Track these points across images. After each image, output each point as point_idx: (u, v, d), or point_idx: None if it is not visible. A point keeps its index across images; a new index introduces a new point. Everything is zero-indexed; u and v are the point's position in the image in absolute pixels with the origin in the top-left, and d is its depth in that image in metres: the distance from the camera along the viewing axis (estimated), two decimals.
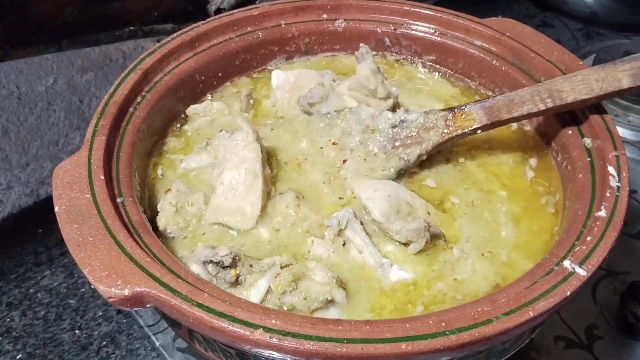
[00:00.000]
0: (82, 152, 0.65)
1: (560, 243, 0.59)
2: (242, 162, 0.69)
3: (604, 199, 0.61)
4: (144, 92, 0.76)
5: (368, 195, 0.68)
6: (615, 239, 0.58)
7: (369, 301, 0.61)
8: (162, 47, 0.80)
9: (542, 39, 0.83)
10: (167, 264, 0.56)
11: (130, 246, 0.56)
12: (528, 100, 0.68)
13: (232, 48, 0.86)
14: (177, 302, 0.52)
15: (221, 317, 0.51)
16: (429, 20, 0.89)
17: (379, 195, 0.67)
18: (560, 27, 1.51)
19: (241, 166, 0.69)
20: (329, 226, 0.66)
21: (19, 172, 0.96)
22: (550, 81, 0.69)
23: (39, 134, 0.97)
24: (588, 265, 0.55)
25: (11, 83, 0.93)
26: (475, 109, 0.71)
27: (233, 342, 0.51)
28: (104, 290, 0.53)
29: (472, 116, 0.71)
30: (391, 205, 0.66)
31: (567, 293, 0.53)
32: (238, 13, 0.87)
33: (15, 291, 0.93)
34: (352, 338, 0.49)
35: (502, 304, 0.52)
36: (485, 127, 0.71)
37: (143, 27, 1.07)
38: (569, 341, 0.83)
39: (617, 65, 0.65)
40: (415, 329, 0.50)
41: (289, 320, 0.50)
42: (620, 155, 0.65)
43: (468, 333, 0.50)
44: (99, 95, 1.01)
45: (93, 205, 0.60)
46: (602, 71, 0.65)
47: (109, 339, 0.87)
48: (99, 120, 0.68)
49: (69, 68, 0.99)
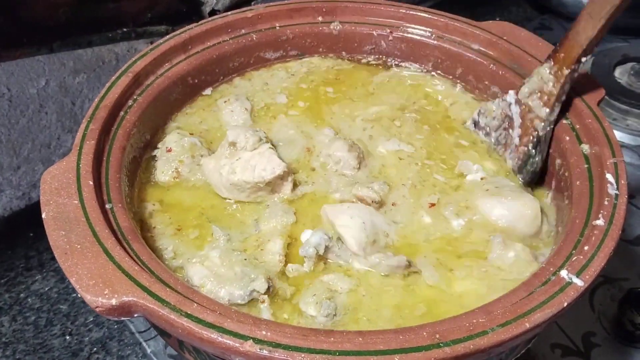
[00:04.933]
0: (71, 157, 0.64)
1: (558, 252, 0.58)
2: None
3: (602, 207, 0.60)
4: (135, 95, 0.75)
5: (342, 222, 0.64)
6: (613, 249, 0.57)
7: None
8: (154, 49, 0.79)
9: (540, 43, 0.82)
10: (156, 273, 0.55)
11: (118, 254, 0.55)
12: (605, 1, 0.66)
13: (225, 50, 0.85)
14: (166, 312, 0.51)
15: (210, 328, 0.49)
16: (426, 24, 0.88)
17: (355, 223, 0.64)
18: (558, 30, 1.50)
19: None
20: (306, 256, 0.63)
21: (10, 175, 0.95)
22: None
23: (31, 136, 0.96)
24: (585, 275, 0.54)
25: (2, 85, 0.92)
26: (565, 44, 0.69)
27: (222, 354, 0.50)
28: (90, 300, 0.52)
29: (567, 49, 0.69)
30: (368, 235, 0.64)
31: (564, 304, 0.52)
32: (232, 15, 0.86)
33: (6, 296, 0.92)
34: (344, 350, 0.48)
35: (497, 315, 0.51)
36: (586, 51, 0.68)
37: (136, 29, 1.06)
38: (565, 349, 0.82)
39: None
40: (408, 341, 0.49)
41: (280, 332, 0.49)
42: (619, 163, 0.64)
43: (463, 345, 0.49)
44: (92, 97, 1.00)
45: (81, 212, 0.59)
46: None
47: (99, 345, 0.86)
48: (88, 124, 0.67)
49: (61, 70, 0.97)
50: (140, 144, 0.74)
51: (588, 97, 0.73)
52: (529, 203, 0.68)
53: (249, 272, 0.61)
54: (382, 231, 0.66)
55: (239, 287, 0.60)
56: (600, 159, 0.66)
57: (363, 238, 0.63)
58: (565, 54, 0.69)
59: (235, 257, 0.63)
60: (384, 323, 0.59)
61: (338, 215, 0.66)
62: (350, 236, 0.63)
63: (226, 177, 0.69)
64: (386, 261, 0.62)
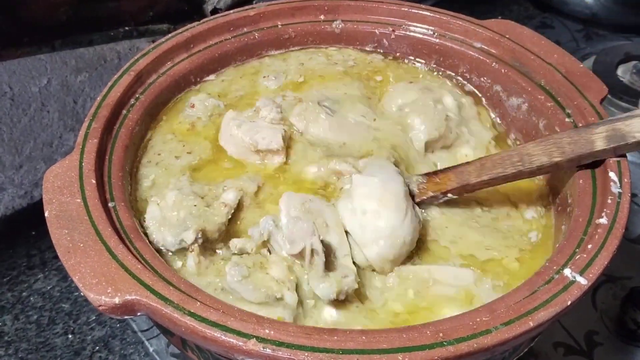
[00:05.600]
0: (74, 156, 0.64)
1: (561, 250, 0.58)
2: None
3: (605, 206, 0.60)
4: (137, 94, 0.75)
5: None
6: (617, 247, 0.56)
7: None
8: (156, 48, 0.79)
9: (542, 41, 0.82)
10: (159, 271, 0.55)
11: (121, 252, 0.55)
12: (499, 164, 0.67)
13: (227, 49, 0.85)
14: (169, 311, 0.51)
15: (214, 326, 0.49)
16: (428, 22, 0.88)
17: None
18: (560, 29, 1.50)
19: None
20: (251, 236, 0.63)
21: (12, 174, 0.95)
22: (522, 145, 0.68)
23: (33, 135, 0.96)
24: (589, 274, 0.54)
25: (4, 84, 0.92)
26: (447, 174, 0.70)
27: (226, 352, 0.50)
28: (93, 298, 0.52)
29: (444, 180, 0.69)
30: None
31: (567, 303, 0.52)
32: (234, 13, 0.86)
33: (8, 295, 0.91)
34: (347, 349, 0.48)
35: (501, 313, 0.51)
36: (454, 191, 0.69)
37: (138, 27, 1.06)
38: (568, 347, 0.82)
39: (592, 128, 0.63)
40: (412, 340, 0.49)
41: (283, 330, 0.49)
42: (622, 161, 0.64)
43: (466, 344, 0.48)
44: (94, 96, 1.00)
45: (84, 210, 0.59)
46: (576, 134, 0.64)
47: (102, 343, 0.85)
48: (91, 123, 0.67)
49: (63, 68, 0.97)
50: (142, 142, 0.74)
51: (591, 96, 0.73)
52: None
53: (188, 220, 0.63)
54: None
55: (173, 234, 0.62)
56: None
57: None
58: (441, 181, 0.70)
59: (187, 202, 0.64)
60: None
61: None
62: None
63: (232, 127, 0.73)
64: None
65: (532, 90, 0.78)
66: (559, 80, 0.76)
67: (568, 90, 0.75)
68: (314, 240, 0.58)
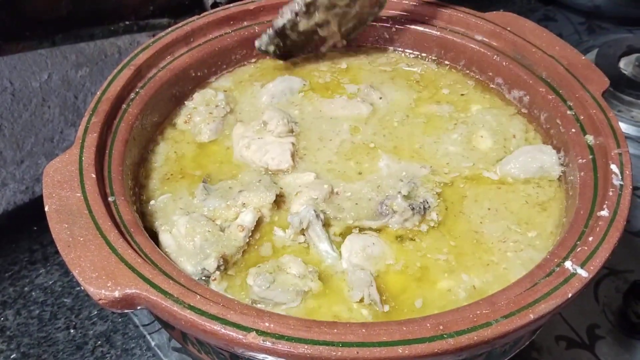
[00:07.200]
0: (74, 150, 0.64)
1: (562, 243, 0.58)
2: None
3: (606, 198, 0.60)
4: (137, 88, 0.74)
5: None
6: (618, 240, 0.56)
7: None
8: (156, 42, 0.78)
9: (544, 34, 0.81)
10: (159, 265, 0.55)
11: (121, 246, 0.55)
12: None
13: (228, 43, 0.85)
14: (169, 305, 0.51)
15: (213, 319, 0.49)
16: (429, 15, 0.87)
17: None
18: (562, 21, 1.49)
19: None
20: (291, 223, 0.64)
21: (14, 169, 0.95)
22: None
23: (34, 130, 0.96)
24: (590, 266, 0.54)
25: (5, 79, 0.92)
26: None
27: (226, 345, 0.50)
28: (94, 292, 0.52)
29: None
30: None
31: (568, 295, 0.52)
32: (234, 7, 0.86)
33: (10, 290, 0.92)
34: (347, 341, 0.48)
35: (501, 306, 0.51)
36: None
37: (139, 22, 1.05)
38: (570, 341, 0.81)
39: None
40: (412, 332, 0.49)
41: (283, 323, 0.49)
42: (624, 153, 0.63)
43: (466, 336, 0.48)
44: (94, 90, 1.00)
45: (84, 205, 0.59)
46: None
47: (104, 338, 0.86)
48: (90, 117, 0.67)
49: (64, 63, 0.97)
50: (142, 136, 0.74)
51: (593, 88, 0.73)
52: None
53: (205, 247, 0.62)
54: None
55: (192, 263, 0.61)
56: (604, 149, 0.65)
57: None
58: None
59: (200, 228, 0.63)
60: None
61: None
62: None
63: (242, 149, 0.74)
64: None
65: (533, 82, 0.78)
66: (560, 72, 0.76)
67: (569, 83, 0.74)
68: (372, 291, 0.60)
